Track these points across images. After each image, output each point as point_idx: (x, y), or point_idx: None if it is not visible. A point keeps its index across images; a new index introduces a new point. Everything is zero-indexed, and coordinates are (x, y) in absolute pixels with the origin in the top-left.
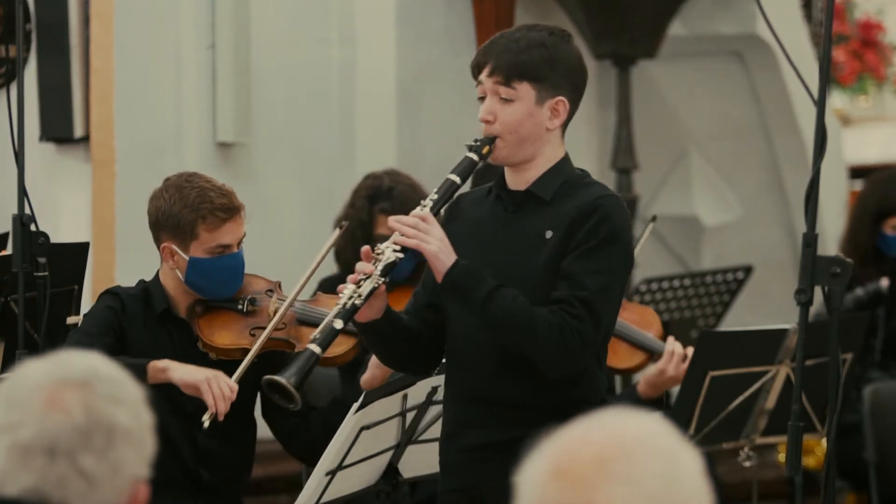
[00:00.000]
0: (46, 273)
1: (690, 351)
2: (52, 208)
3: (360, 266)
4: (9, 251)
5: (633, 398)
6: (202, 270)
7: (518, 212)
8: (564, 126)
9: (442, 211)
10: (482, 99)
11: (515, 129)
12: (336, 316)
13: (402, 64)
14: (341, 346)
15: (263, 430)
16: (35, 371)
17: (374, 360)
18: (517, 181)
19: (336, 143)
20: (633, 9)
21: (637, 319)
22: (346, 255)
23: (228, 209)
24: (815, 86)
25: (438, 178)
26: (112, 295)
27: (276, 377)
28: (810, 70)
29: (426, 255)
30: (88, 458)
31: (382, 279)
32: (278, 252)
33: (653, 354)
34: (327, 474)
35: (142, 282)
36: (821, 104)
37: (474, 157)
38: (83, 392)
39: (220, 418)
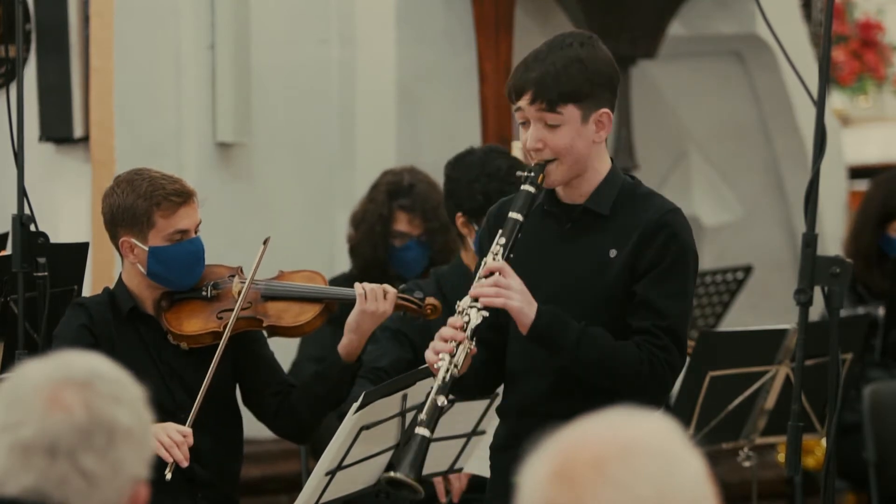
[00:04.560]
0: (46, 273)
1: None
2: (51, 208)
3: (449, 335)
4: (9, 251)
5: None
6: (163, 259)
7: (575, 228)
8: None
9: (502, 247)
10: (524, 124)
11: (568, 153)
12: (438, 393)
13: (402, 64)
14: (306, 315)
15: (264, 430)
16: (36, 371)
17: (348, 324)
18: (571, 195)
19: (336, 143)
20: (633, 9)
21: None
22: (363, 250)
23: (181, 193)
24: (814, 86)
25: (438, 177)
26: (78, 307)
27: (395, 475)
28: (810, 70)
29: (511, 313)
30: (89, 457)
31: (472, 343)
32: (278, 252)
33: None
34: (327, 474)
35: (106, 288)
36: (820, 104)
37: (531, 189)
38: (84, 392)
39: (184, 465)
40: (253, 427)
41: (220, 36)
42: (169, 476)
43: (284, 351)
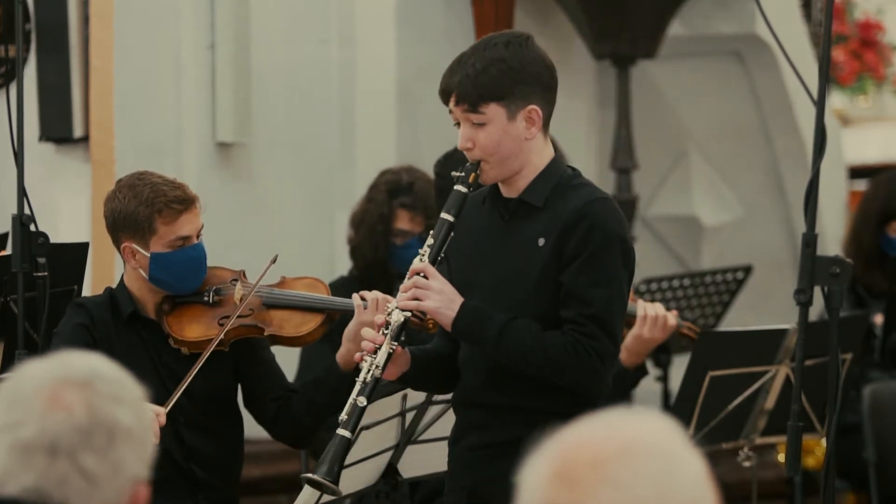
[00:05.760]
0: (46, 273)
1: (659, 308)
2: (51, 208)
3: (369, 336)
4: (9, 251)
5: (616, 367)
6: (165, 265)
7: (512, 220)
8: (546, 127)
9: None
10: (458, 124)
11: (496, 150)
12: (359, 394)
13: (402, 64)
14: (308, 325)
15: (264, 430)
16: (36, 371)
17: (347, 334)
18: (509, 189)
19: (336, 143)
20: (633, 9)
21: None
22: (364, 251)
23: (183, 200)
24: (814, 86)
25: None
26: (79, 307)
27: (313, 476)
28: (810, 70)
29: (429, 314)
30: (89, 457)
31: (395, 343)
32: (278, 252)
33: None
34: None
35: (108, 289)
36: (820, 104)
37: (462, 189)
38: (85, 391)
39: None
40: (253, 427)
41: (220, 36)
42: None
43: (283, 357)
